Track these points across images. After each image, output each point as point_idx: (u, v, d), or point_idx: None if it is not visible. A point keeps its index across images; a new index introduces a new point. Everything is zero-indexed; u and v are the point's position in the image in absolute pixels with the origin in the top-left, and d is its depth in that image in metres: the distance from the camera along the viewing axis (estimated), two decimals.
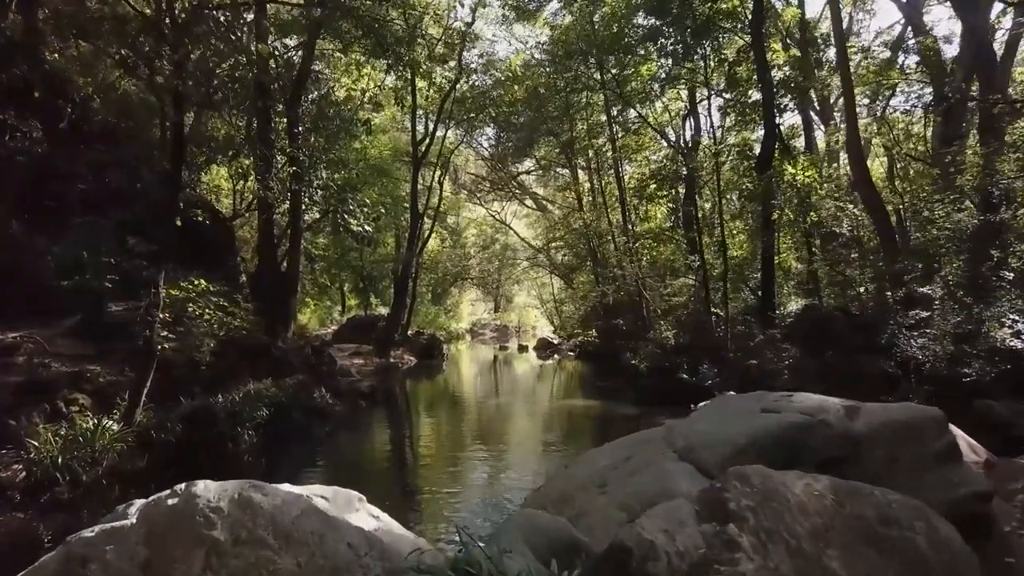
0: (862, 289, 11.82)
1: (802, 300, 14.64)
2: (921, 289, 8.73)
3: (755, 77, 14.22)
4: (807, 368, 9.11)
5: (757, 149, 14.92)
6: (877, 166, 23.89)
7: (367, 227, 15.16)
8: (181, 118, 7.31)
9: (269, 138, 11.42)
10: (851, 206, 11.62)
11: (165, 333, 7.87)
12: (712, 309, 13.13)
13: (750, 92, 13.30)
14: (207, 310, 8.70)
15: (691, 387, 13.42)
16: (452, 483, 7.60)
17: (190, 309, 8.47)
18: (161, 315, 7.68)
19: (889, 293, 10.04)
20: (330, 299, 30.82)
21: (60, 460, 6.59)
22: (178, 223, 8.01)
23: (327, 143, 14.33)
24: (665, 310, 15.75)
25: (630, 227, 17.80)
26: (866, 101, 24.02)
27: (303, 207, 14.69)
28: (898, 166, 19.77)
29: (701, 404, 10.26)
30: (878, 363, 8.65)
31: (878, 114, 21.42)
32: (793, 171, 12.80)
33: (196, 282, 8.68)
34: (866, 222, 11.35)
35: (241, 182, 15.11)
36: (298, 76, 13.68)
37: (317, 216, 19.09)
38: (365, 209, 15.90)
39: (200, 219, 8.69)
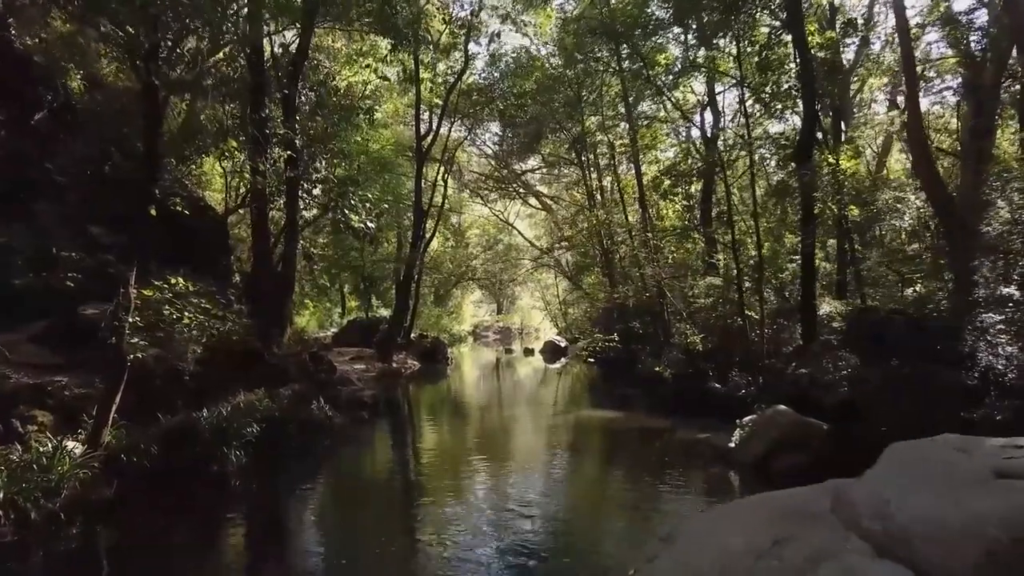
0: (913, 289, 10.77)
1: (834, 302, 13.59)
2: (1007, 289, 7.68)
3: (790, 60, 13.19)
4: (869, 380, 8.03)
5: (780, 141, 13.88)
6: (894, 163, 22.93)
7: (369, 223, 14.09)
8: (153, 80, 6.22)
9: (262, 116, 10.27)
10: (914, 197, 10.53)
11: (135, 340, 6.78)
12: (746, 312, 12.07)
13: (784, 77, 12.23)
14: (187, 313, 7.62)
15: (721, 397, 12.35)
16: (472, 524, 6.46)
17: (166, 312, 7.40)
18: (132, 318, 6.60)
19: (951, 293, 8.97)
20: (330, 301, 29.78)
21: (2, 494, 5.49)
22: (153, 212, 6.93)
23: (327, 131, 13.28)
24: (690, 312, 14.67)
25: (649, 224, 16.72)
26: (882, 96, 23.16)
27: (300, 201, 13.61)
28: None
29: (747, 419, 9.20)
30: (955, 374, 7.58)
31: (902, 107, 20.53)
32: (833, 161, 11.75)
33: (174, 280, 7.60)
34: (927, 214, 10.30)
35: (236, 177, 14.07)
36: (297, 51, 12.57)
37: (316, 213, 18.06)
38: (367, 204, 14.82)
39: (179, 208, 7.61)
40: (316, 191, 14.04)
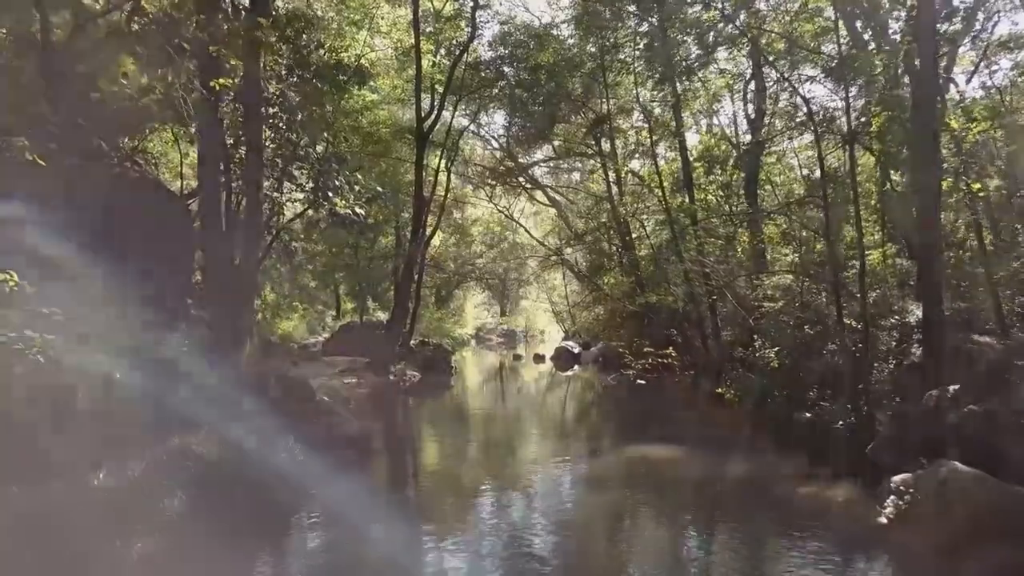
0: None
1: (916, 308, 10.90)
2: None
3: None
4: None
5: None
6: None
7: (358, 209, 11.38)
8: None
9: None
10: None
11: None
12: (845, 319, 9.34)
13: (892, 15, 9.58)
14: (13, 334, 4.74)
15: (816, 431, 9.61)
16: None
17: None
18: None
19: None
20: (321, 303, 27.11)
21: None
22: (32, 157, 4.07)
23: (309, 93, 10.57)
24: (755, 319, 11.92)
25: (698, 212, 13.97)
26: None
27: (272, 178, 10.88)
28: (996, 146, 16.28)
29: (900, 478, 6.39)
30: None
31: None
32: (961, 122, 9.06)
33: None
34: None
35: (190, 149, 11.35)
36: None
37: (301, 206, 15.28)
38: (356, 188, 12.09)
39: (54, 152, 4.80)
40: (293, 168, 11.29)
